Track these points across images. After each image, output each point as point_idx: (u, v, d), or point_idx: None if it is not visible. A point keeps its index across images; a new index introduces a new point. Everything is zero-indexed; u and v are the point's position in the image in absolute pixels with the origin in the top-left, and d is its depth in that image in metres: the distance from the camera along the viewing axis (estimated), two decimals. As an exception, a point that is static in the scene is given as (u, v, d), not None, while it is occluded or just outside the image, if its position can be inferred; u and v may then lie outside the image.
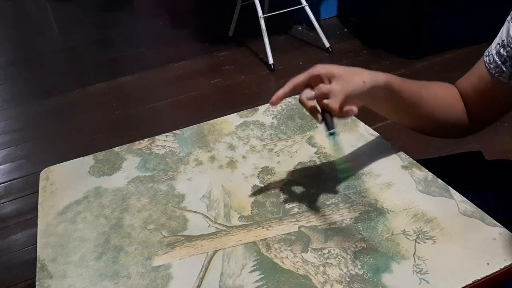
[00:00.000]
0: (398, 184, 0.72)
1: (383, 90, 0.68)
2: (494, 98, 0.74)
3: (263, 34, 2.42)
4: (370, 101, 0.69)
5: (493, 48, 0.72)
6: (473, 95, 0.76)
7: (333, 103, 0.62)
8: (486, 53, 0.74)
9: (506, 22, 0.70)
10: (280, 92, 0.65)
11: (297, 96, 0.65)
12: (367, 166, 0.76)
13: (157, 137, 0.89)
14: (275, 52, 2.44)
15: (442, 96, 0.77)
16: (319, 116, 0.64)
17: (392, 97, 0.70)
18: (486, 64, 0.73)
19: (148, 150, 0.86)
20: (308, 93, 0.65)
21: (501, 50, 0.70)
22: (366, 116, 0.86)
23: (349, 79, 0.64)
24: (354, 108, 0.63)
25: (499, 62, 0.70)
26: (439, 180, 0.72)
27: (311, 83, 0.66)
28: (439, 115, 0.77)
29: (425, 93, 0.75)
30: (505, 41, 0.69)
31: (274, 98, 0.65)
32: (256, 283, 0.59)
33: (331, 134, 0.63)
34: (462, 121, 0.78)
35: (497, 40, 0.72)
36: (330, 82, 0.64)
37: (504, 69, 0.70)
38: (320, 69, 0.65)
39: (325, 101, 0.63)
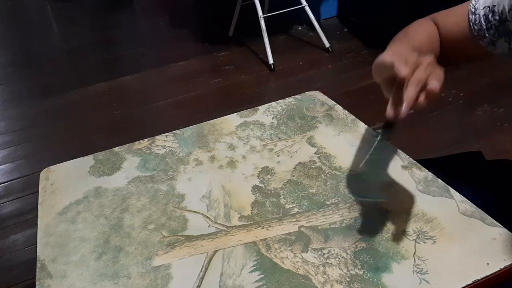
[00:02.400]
0: (398, 184, 0.72)
1: None
2: (466, 50, 0.73)
3: (263, 34, 2.42)
4: None
5: (481, 8, 0.69)
6: (447, 39, 0.75)
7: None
8: (472, 9, 0.70)
9: None
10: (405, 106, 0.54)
11: (297, 96, 0.64)
12: (367, 166, 0.76)
13: (157, 137, 0.89)
14: (275, 52, 2.44)
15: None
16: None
17: None
18: (471, 23, 0.70)
19: (148, 150, 0.86)
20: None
21: (490, 16, 0.68)
22: (366, 116, 0.86)
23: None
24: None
25: (484, 27, 0.68)
26: (439, 180, 0.72)
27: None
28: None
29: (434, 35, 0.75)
30: (496, 7, 0.67)
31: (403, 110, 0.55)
32: (256, 283, 0.59)
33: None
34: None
35: (487, 1, 0.68)
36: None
37: (487, 35, 0.69)
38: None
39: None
